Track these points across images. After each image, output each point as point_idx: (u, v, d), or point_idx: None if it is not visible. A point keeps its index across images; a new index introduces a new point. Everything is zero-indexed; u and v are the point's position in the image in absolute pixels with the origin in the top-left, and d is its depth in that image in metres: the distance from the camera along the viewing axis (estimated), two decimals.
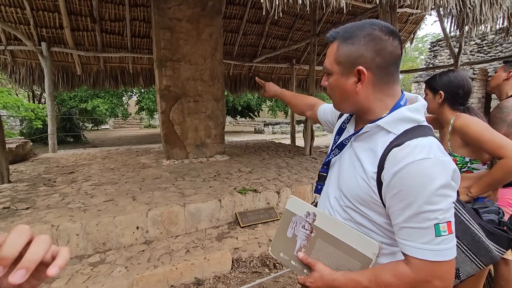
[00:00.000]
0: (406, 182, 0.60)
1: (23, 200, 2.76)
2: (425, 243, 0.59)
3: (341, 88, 0.73)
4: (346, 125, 0.85)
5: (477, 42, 11.92)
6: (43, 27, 5.65)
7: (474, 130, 1.23)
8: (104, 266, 2.11)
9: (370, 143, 0.71)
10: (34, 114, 8.41)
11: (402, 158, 0.61)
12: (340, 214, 0.78)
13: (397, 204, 0.62)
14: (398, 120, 0.68)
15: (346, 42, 0.70)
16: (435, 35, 26.48)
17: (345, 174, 0.76)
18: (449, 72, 1.38)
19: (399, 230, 0.64)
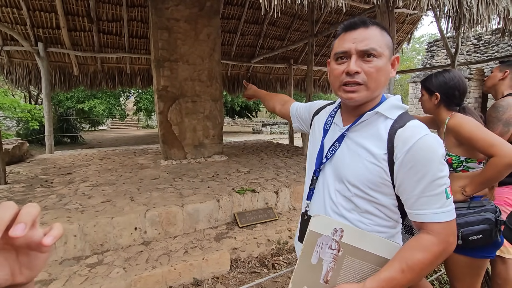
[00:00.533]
0: (419, 154, 0.68)
1: (19, 201, 2.74)
2: (440, 207, 0.68)
3: (386, 72, 0.75)
4: (330, 125, 0.88)
5: (474, 43, 12.00)
6: (39, 28, 5.62)
7: (466, 129, 1.24)
8: (102, 267, 2.10)
9: (371, 130, 0.77)
10: (30, 115, 8.34)
11: (411, 136, 0.69)
12: (344, 206, 0.80)
13: (412, 178, 0.69)
14: (393, 107, 0.77)
15: (385, 32, 0.76)
16: (432, 35, 26.63)
17: (349, 164, 0.78)
18: (444, 72, 1.38)
19: (415, 202, 0.70)
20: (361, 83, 0.73)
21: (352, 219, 0.79)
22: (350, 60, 0.73)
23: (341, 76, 0.76)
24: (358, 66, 0.73)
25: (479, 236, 1.18)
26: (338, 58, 0.77)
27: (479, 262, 1.27)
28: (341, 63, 0.76)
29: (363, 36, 0.73)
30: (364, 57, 0.73)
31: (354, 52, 0.73)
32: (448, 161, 1.34)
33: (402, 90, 22.25)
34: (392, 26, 2.56)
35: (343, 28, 0.78)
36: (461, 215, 1.23)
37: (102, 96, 12.45)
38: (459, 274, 1.31)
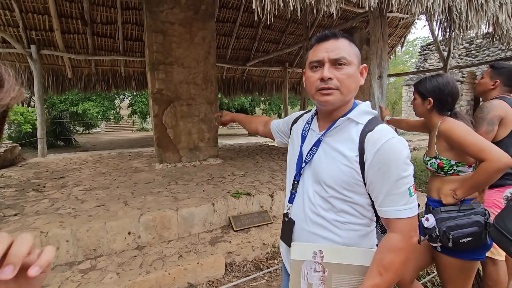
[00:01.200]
0: (386, 156, 0.75)
1: (11, 206, 2.70)
2: (404, 204, 0.76)
3: (356, 79, 0.83)
4: (307, 131, 0.95)
5: (466, 46, 12.22)
6: (32, 30, 5.57)
7: (457, 133, 1.26)
8: (95, 272, 2.08)
9: (343, 134, 0.84)
10: (23, 118, 8.24)
11: (379, 139, 0.77)
12: (321, 206, 0.86)
13: (380, 177, 0.76)
14: (363, 113, 0.85)
15: (353, 44, 0.84)
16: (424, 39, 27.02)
17: (325, 167, 0.84)
18: (438, 77, 1.39)
19: (384, 200, 0.77)
20: (334, 88, 0.81)
21: (329, 218, 0.85)
22: (324, 68, 0.81)
23: (316, 83, 0.83)
24: (330, 73, 0.80)
25: (469, 239, 1.20)
26: (313, 67, 0.84)
27: (469, 264, 1.29)
28: (316, 71, 0.83)
29: (334, 46, 0.81)
30: (336, 65, 0.80)
31: (327, 61, 0.81)
32: (439, 165, 1.36)
33: (396, 93, 22.49)
34: (385, 31, 2.60)
35: (316, 40, 0.85)
36: (451, 218, 1.25)
37: (96, 99, 12.35)
38: (450, 276, 1.33)
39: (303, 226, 0.89)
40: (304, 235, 0.89)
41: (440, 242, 1.25)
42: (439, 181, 1.40)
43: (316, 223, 0.87)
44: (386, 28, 2.56)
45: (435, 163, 1.38)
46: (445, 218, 1.26)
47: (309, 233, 0.88)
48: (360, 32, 5.43)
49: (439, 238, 1.24)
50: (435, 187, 1.42)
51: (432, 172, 1.44)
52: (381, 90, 2.66)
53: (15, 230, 2.16)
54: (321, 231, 0.86)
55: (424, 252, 1.46)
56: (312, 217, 0.87)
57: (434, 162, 1.38)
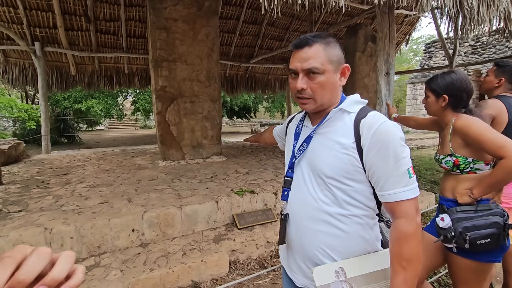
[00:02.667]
0: (383, 138, 0.77)
1: (15, 202, 2.71)
2: (405, 186, 0.77)
3: (331, 84, 0.84)
4: (301, 128, 0.97)
5: (471, 44, 12.07)
6: (36, 27, 5.57)
7: (474, 130, 1.22)
8: (99, 269, 2.07)
9: (337, 124, 0.86)
10: (27, 115, 8.24)
11: (373, 123, 0.79)
12: (323, 200, 0.85)
13: (379, 159, 0.77)
14: (354, 102, 0.88)
15: (329, 46, 0.83)
16: (429, 36, 26.73)
17: (323, 158, 0.85)
18: (450, 73, 1.35)
19: (385, 183, 0.78)
20: (308, 98, 0.84)
21: (333, 212, 0.84)
22: (298, 78, 0.83)
23: (294, 90, 0.86)
24: (304, 83, 0.82)
25: (487, 240, 1.15)
26: (292, 74, 0.86)
27: (485, 266, 1.25)
28: (294, 78, 0.86)
29: (307, 55, 0.81)
30: (309, 75, 0.82)
31: (300, 71, 0.82)
32: (455, 163, 1.32)
33: (400, 91, 22.31)
34: (392, 27, 2.55)
35: (292, 46, 0.86)
36: (468, 218, 1.21)
37: (99, 96, 12.38)
38: (465, 278, 1.29)
39: (305, 224, 0.88)
40: (307, 233, 0.87)
41: (456, 243, 1.21)
42: (453, 180, 1.36)
43: (319, 219, 0.85)
44: (394, 24, 2.51)
45: (451, 161, 1.33)
46: (461, 218, 1.22)
47: (312, 231, 0.87)
48: (365, 29, 5.36)
49: (454, 238, 1.20)
50: (449, 186, 1.37)
51: (447, 170, 1.39)
52: (388, 87, 2.61)
53: (20, 226, 2.15)
54: (325, 227, 0.85)
55: (436, 252, 1.42)
56: (314, 214, 0.86)
57: (450, 160, 1.33)
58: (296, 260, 0.93)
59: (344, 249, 0.84)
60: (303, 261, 0.90)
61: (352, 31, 5.40)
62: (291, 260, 0.95)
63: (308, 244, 0.87)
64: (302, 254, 0.90)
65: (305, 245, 0.88)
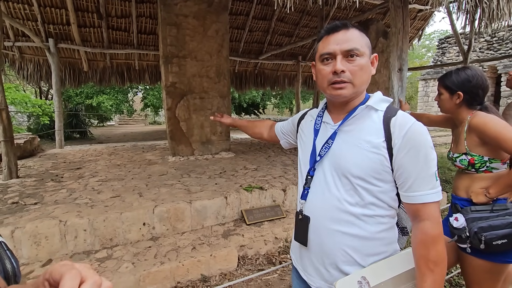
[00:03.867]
0: (414, 138, 0.76)
1: (31, 195, 2.79)
2: (431, 188, 0.75)
3: (368, 70, 0.82)
4: (320, 125, 0.92)
5: (487, 39, 11.70)
6: (50, 24, 5.68)
7: (491, 128, 1.18)
8: (111, 261, 2.12)
9: (365, 122, 0.83)
10: (41, 110, 8.47)
11: (405, 123, 0.77)
12: (348, 201, 0.82)
13: (410, 160, 0.75)
14: (381, 100, 0.85)
15: (363, 34, 0.82)
16: (442, 32, 26.01)
17: (350, 158, 0.81)
18: (465, 70, 1.31)
19: (413, 184, 0.76)
20: (347, 81, 0.79)
21: (357, 213, 0.81)
22: (336, 60, 0.79)
23: (328, 76, 0.81)
24: (343, 65, 0.78)
25: (503, 241, 1.13)
26: (323, 59, 0.82)
27: (499, 267, 1.22)
28: (327, 64, 0.81)
29: (345, 37, 0.79)
30: (348, 57, 0.79)
31: (339, 53, 0.79)
32: (470, 162, 1.28)
33: (412, 87, 21.86)
34: (406, 22, 2.48)
35: (326, 31, 0.83)
36: (483, 218, 1.18)
37: (110, 92, 12.56)
38: (479, 279, 1.27)
39: (326, 224, 0.85)
40: (329, 234, 0.84)
41: (470, 243, 1.19)
42: (468, 179, 1.32)
43: (342, 220, 0.82)
44: (407, 19, 2.44)
45: (466, 159, 1.29)
46: (476, 218, 1.19)
47: (333, 231, 0.84)
48: (377, 24, 5.26)
49: (469, 239, 1.18)
50: (463, 185, 1.34)
51: (461, 169, 1.35)
52: (401, 83, 2.56)
53: (36, 218, 2.22)
54: (347, 228, 0.82)
55: (448, 252, 1.38)
56: (337, 215, 0.83)
57: (464, 158, 1.30)
58: (313, 262, 0.89)
59: (366, 250, 0.82)
60: (322, 264, 0.87)
61: (363, 26, 5.29)
62: (306, 262, 0.92)
63: (329, 245, 0.84)
64: (321, 256, 0.86)
65: (325, 247, 0.85)
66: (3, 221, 2.19)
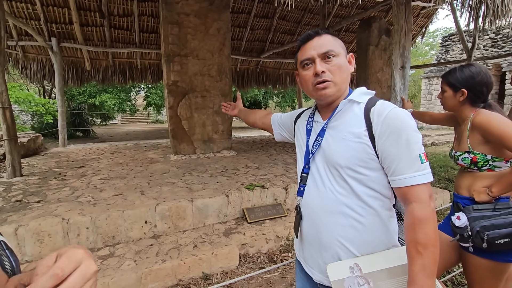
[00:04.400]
0: (393, 122, 0.78)
1: (34, 193, 2.81)
2: (416, 171, 0.76)
3: (346, 68, 0.88)
4: (312, 125, 0.97)
5: (491, 37, 11.56)
6: (53, 23, 5.71)
7: (495, 126, 1.16)
8: (113, 259, 2.14)
9: (348, 115, 0.87)
10: (44, 109, 8.53)
11: (383, 110, 0.81)
12: (341, 193, 0.85)
13: (391, 144, 0.78)
14: (362, 94, 0.89)
15: (336, 37, 0.89)
16: (446, 29, 25.78)
17: (336, 149, 0.86)
18: (470, 66, 1.29)
19: (396, 167, 0.78)
20: (329, 80, 0.85)
21: (351, 204, 0.84)
22: (315, 63, 0.85)
23: (311, 79, 0.87)
24: (323, 67, 0.84)
25: (506, 240, 1.11)
26: (304, 65, 0.89)
27: (502, 266, 1.21)
28: (308, 69, 0.88)
29: (319, 42, 0.86)
30: (325, 59, 0.85)
31: (316, 56, 0.85)
32: (472, 160, 1.27)
33: (415, 86, 21.71)
34: (409, 19, 2.46)
35: (301, 41, 0.91)
36: (486, 217, 1.17)
37: (113, 91, 12.61)
38: (481, 278, 1.26)
39: (322, 217, 0.88)
40: (324, 226, 0.87)
41: (472, 242, 1.17)
42: (470, 177, 1.31)
43: (337, 211, 0.85)
44: (410, 16, 2.42)
45: (468, 158, 1.28)
46: (478, 217, 1.18)
47: (330, 224, 0.86)
48: (379, 22, 5.22)
49: (471, 238, 1.17)
50: (465, 184, 1.33)
51: (464, 167, 1.34)
52: (403, 81, 2.54)
53: (39, 216, 2.24)
54: (342, 219, 0.84)
55: (450, 251, 1.38)
56: (332, 207, 0.86)
57: (467, 157, 1.28)
58: (312, 255, 0.92)
59: (362, 242, 0.84)
60: (320, 256, 0.89)
61: (365, 24, 5.28)
62: (307, 255, 0.95)
63: (326, 237, 0.87)
64: (319, 248, 0.89)
65: (322, 239, 0.88)
66: (7, 218, 2.21)
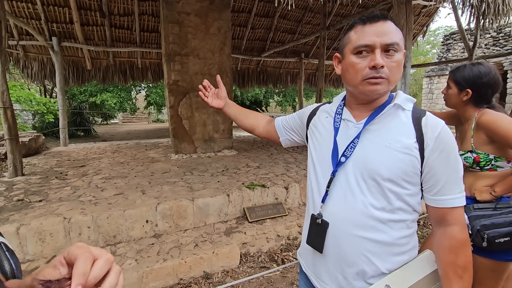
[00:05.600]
0: (446, 139, 0.73)
1: (36, 192, 2.82)
2: (459, 192, 0.74)
3: (401, 65, 0.76)
4: (339, 122, 0.85)
5: (493, 35, 11.53)
6: (53, 22, 5.71)
7: (502, 127, 1.16)
8: (114, 258, 2.13)
9: (393, 121, 0.78)
10: (46, 108, 8.55)
11: (437, 124, 0.74)
12: (374, 205, 0.76)
13: (442, 162, 0.73)
14: (407, 100, 0.80)
15: (398, 28, 0.76)
16: (447, 28, 25.70)
17: (378, 158, 0.75)
18: (479, 66, 1.28)
19: (443, 187, 0.73)
20: (384, 77, 0.73)
21: (383, 218, 0.76)
22: (374, 54, 0.72)
23: (364, 71, 0.73)
24: (383, 61, 0.72)
25: (506, 239, 1.12)
26: (358, 52, 0.74)
27: (502, 265, 1.21)
28: (363, 57, 0.74)
29: (385, 29, 0.71)
30: (387, 52, 0.72)
31: (379, 46, 0.71)
32: (475, 159, 1.27)
33: (416, 84, 21.68)
34: (410, 18, 2.45)
35: (362, 20, 0.75)
36: (487, 216, 1.17)
37: (113, 90, 12.62)
38: (481, 277, 1.26)
39: (347, 230, 0.78)
40: (350, 240, 0.78)
41: (472, 241, 1.18)
42: (471, 177, 1.31)
43: (367, 226, 0.77)
44: (411, 15, 2.41)
45: (471, 157, 1.28)
46: (479, 216, 1.18)
47: (355, 237, 0.78)
48: None
49: (471, 237, 1.17)
50: (466, 183, 1.32)
51: (465, 167, 1.33)
52: (404, 80, 2.53)
53: (40, 215, 2.25)
54: (372, 234, 0.77)
55: None
56: (360, 220, 0.77)
57: (470, 156, 1.28)
58: (330, 270, 0.83)
59: (388, 256, 0.78)
60: (340, 271, 0.81)
61: None
62: (320, 269, 0.86)
63: (350, 253, 0.78)
64: (340, 263, 0.80)
65: (346, 254, 0.79)
66: (9, 218, 2.22)
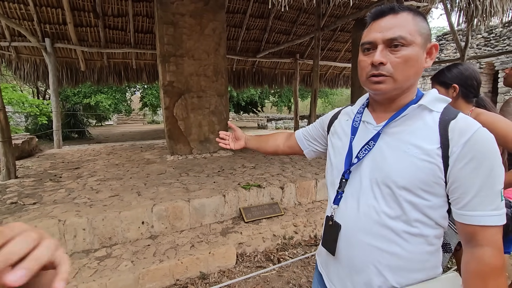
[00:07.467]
0: (479, 146, 0.62)
1: (30, 195, 2.80)
2: (494, 209, 0.62)
3: (415, 62, 0.68)
4: (359, 123, 0.80)
5: (484, 36, 11.71)
6: (46, 23, 5.66)
7: (501, 127, 1.18)
8: (110, 260, 2.14)
9: (415, 124, 0.69)
10: (39, 110, 8.46)
11: (468, 128, 0.63)
12: (387, 213, 0.70)
13: (470, 172, 0.62)
14: (437, 99, 0.71)
15: (420, 17, 0.69)
16: (440, 28, 26.05)
17: (394, 164, 0.69)
18: (457, 65, 1.35)
19: (471, 201, 0.63)
20: (386, 75, 0.68)
21: (397, 229, 0.69)
22: (376, 50, 0.68)
23: (367, 68, 0.71)
24: (383, 57, 0.67)
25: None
26: (364, 49, 0.72)
27: None
28: (368, 54, 0.71)
29: (391, 23, 0.67)
30: (391, 47, 0.67)
31: (380, 42, 0.68)
32: None
33: None
34: None
35: (371, 17, 0.72)
36: None
37: (108, 91, 12.54)
38: None
39: (358, 236, 0.74)
40: (360, 247, 0.73)
41: None
42: None
43: (378, 234, 0.71)
44: None
45: None
46: None
47: (366, 246, 0.73)
48: None
49: None
50: None
51: None
52: None
53: (35, 218, 2.23)
54: (384, 244, 0.70)
55: None
56: (373, 228, 0.72)
57: None
58: (340, 274, 0.80)
59: (403, 272, 0.70)
60: (350, 279, 0.77)
61: (360, 24, 5.31)
62: (332, 272, 0.83)
63: (359, 260, 0.74)
64: (350, 270, 0.76)
65: (356, 261, 0.75)
66: (2, 221, 2.20)
